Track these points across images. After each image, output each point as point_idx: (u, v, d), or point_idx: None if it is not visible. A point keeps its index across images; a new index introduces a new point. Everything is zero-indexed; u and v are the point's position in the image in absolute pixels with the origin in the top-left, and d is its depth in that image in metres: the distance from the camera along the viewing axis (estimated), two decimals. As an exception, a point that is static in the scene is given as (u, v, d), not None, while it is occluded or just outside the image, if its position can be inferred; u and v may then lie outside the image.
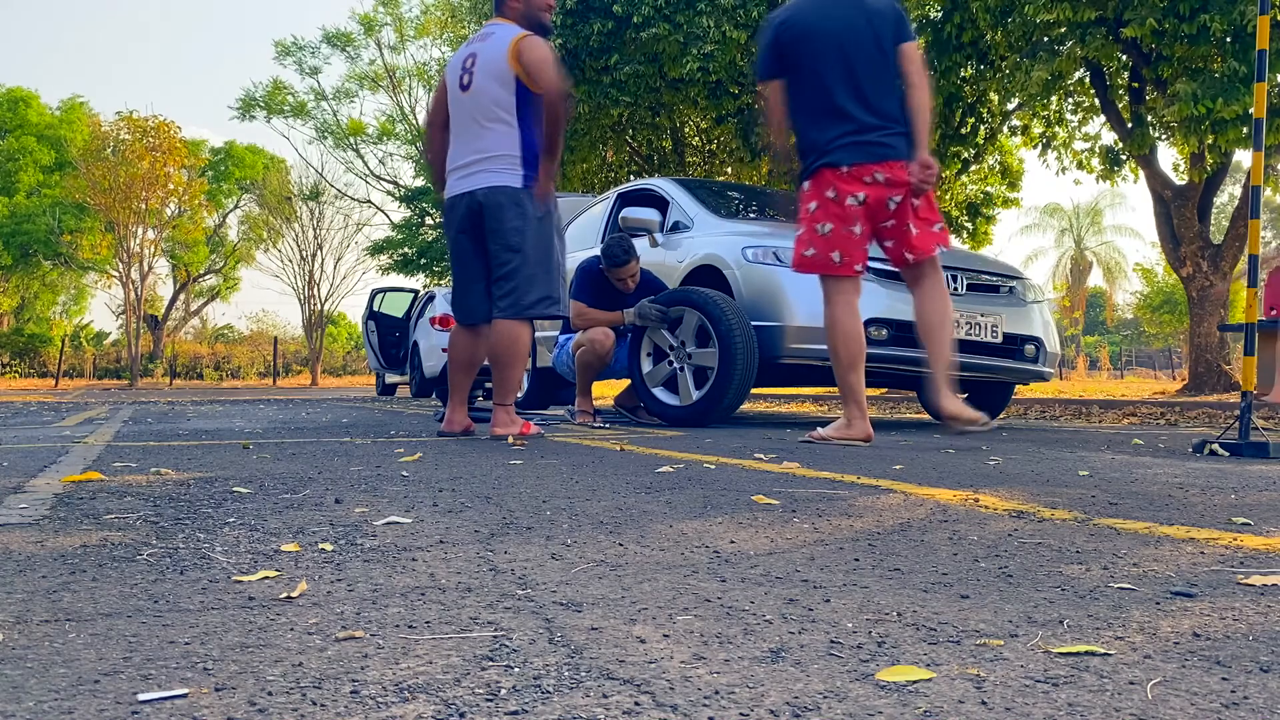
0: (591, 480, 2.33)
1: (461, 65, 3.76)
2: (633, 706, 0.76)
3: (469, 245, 3.80)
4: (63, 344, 33.58)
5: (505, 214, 3.66)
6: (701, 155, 18.58)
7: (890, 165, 3.53)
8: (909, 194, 3.55)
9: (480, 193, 3.68)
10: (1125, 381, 26.16)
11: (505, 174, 3.66)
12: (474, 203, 3.70)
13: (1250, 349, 3.43)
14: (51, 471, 2.46)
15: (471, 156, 3.73)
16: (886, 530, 1.63)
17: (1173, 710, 0.77)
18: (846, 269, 3.57)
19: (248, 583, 1.20)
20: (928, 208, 3.61)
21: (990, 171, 15.85)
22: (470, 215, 3.73)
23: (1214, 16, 8.64)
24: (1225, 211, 33.84)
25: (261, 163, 38.28)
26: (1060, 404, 8.93)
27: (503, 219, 3.66)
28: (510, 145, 3.66)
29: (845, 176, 3.52)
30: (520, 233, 3.66)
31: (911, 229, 3.58)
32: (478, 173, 3.70)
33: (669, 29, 11.48)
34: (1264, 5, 3.44)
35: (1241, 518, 1.80)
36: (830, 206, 3.55)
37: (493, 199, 3.66)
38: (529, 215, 3.67)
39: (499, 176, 3.66)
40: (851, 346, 3.61)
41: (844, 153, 3.53)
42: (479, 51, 3.72)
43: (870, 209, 3.54)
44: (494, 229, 3.69)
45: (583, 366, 5.08)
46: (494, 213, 3.67)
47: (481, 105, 3.68)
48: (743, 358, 4.50)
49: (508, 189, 3.66)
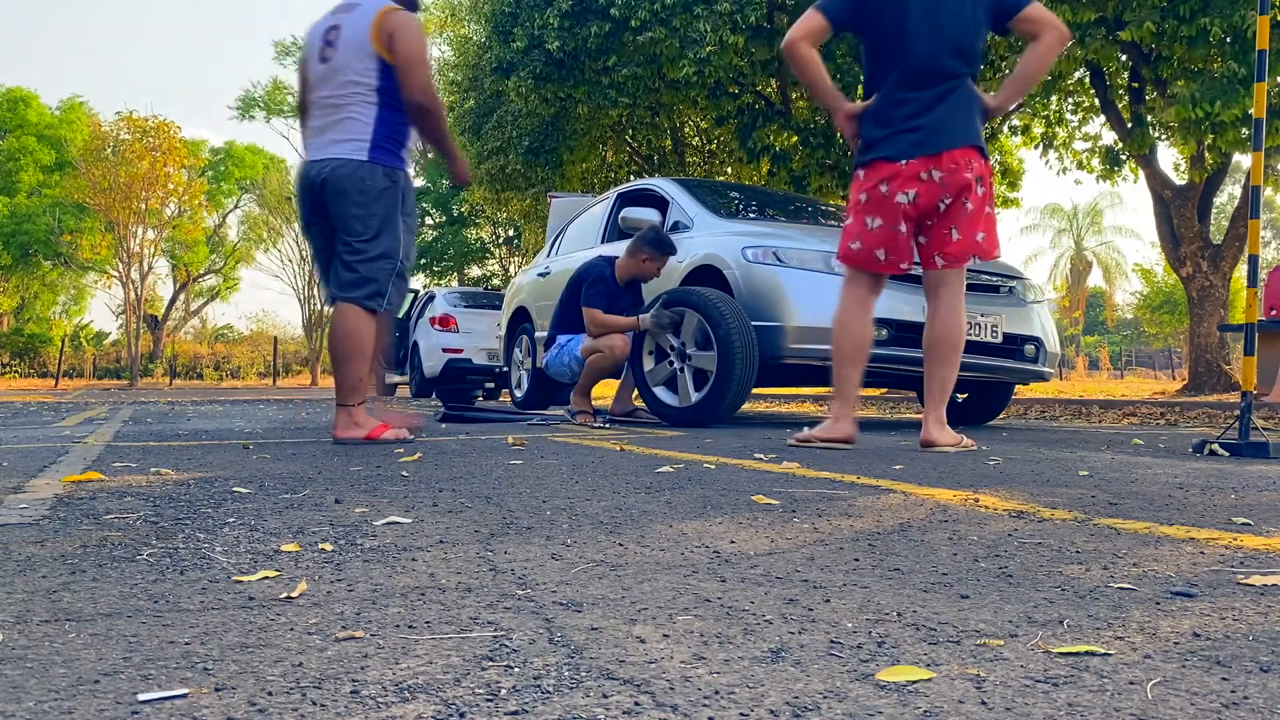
0: (591, 480, 2.33)
1: (323, 36, 3.51)
2: (633, 706, 0.76)
3: (317, 221, 3.56)
4: (63, 344, 33.58)
5: (349, 194, 3.41)
6: (701, 155, 18.58)
7: (950, 158, 3.24)
8: (963, 195, 3.29)
9: (329, 164, 3.44)
10: (1125, 381, 26.16)
11: (354, 148, 3.42)
12: (321, 174, 3.45)
13: (1250, 349, 3.43)
14: (51, 471, 2.46)
15: (323, 122, 3.49)
16: (886, 530, 1.63)
17: (1173, 710, 0.77)
18: (891, 267, 3.39)
19: (248, 583, 1.20)
20: (978, 213, 3.33)
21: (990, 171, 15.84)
22: (315, 189, 3.48)
23: (1213, 19, 8.64)
24: (1225, 211, 33.86)
25: (261, 163, 38.30)
26: (1060, 404, 8.93)
27: (346, 198, 3.42)
28: (365, 120, 3.43)
29: (902, 171, 3.27)
30: (364, 218, 3.43)
31: (954, 233, 3.33)
32: (329, 144, 3.46)
33: (666, 33, 11.49)
34: (1264, 6, 3.44)
35: (1241, 518, 1.80)
36: (882, 201, 3.31)
37: (338, 174, 3.41)
38: (372, 194, 3.43)
39: (346, 149, 3.43)
40: (852, 342, 3.43)
41: (901, 144, 3.27)
42: (342, 23, 3.48)
43: (919, 207, 3.31)
44: (337, 212, 3.45)
45: (595, 370, 5.06)
46: (337, 190, 3.42)
47: (337, 79, 3.45)
48: (741, 361, 4.51)
49: (353, 162, 3.42)
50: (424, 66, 3.41)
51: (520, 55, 12.92)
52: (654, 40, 11.58)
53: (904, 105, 3.29)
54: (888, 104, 3.33)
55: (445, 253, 28.94)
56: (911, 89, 3.29)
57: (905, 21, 3.27)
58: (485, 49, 13.86)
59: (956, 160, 3.24)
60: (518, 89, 13.11)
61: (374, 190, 3.41)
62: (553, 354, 5.38)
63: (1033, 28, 3.26)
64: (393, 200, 3.46)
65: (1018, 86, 3.33)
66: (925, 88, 3.27)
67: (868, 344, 3.47)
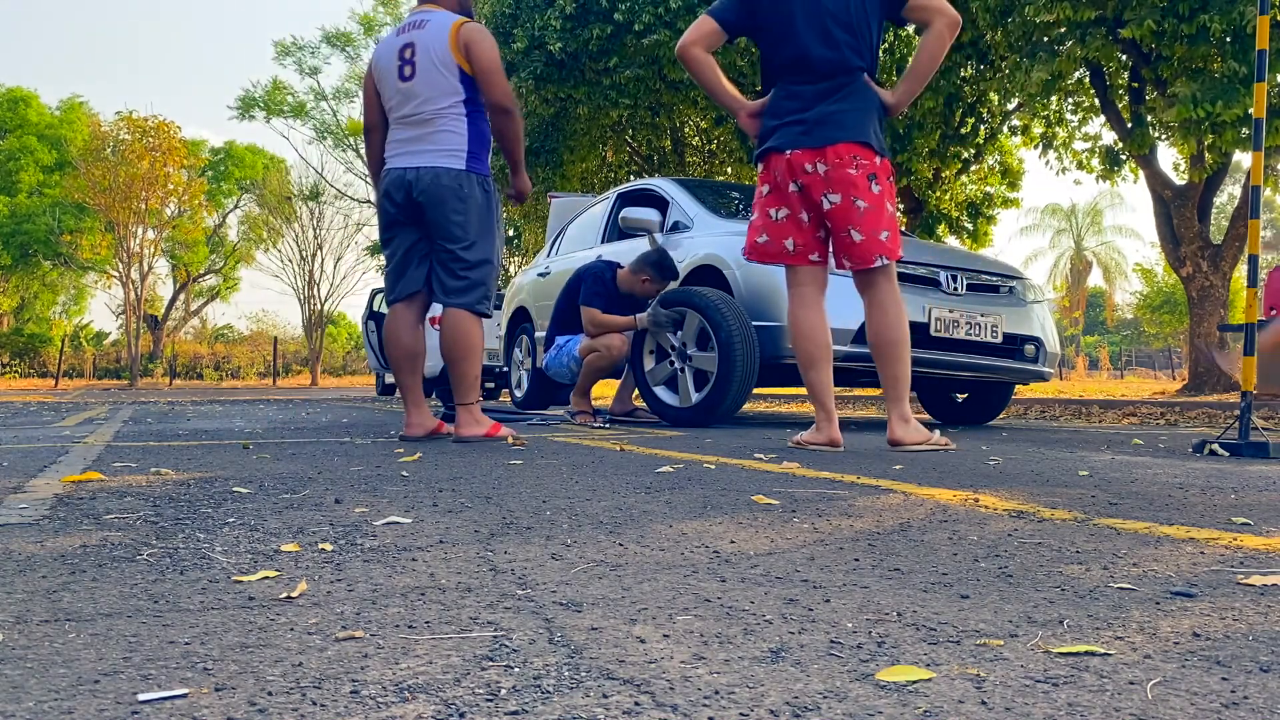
0: (591, 480, 2.33)
1: (399, 56, 3.57)
2: (633, 706, 0.76)
3: (403, 223, 3.64)
4: (63, 344, 33.59)
5: (448, 201, 3.51)
6: (701, 155, 18.58)
7: (834, 153, 3.20)
8: (851, 193, 3.21)
9: (427, 172, 3.52)
10: (1125, 381, 26.16)
11: (450, 158, 3.53)
12: (419, 180, 3.53)
13: (1250, 349, 3.43)
14: (51, 471, 2.46)
15: (413, 134, 3.57)
16: (886, 530, 1.63)
17: (1173, 710, 0.77)
18: (800, 258, 3.33)
19: (248, 583, 1.20)
20: (877, 211, 3.24)
21: (990, 171, 15.85)
22: (409, 193, 3.56)
23: (1213, 17, 8.64)
24: (1225, 211, 33.85)
25: (261, 163, 38.29)
26: (1060, 404, 8.93)
27: (445, 206, 3.51)
28: (459, 132, 3.54)
29: (790, 162, 3.25)
30: (463, 224, 3.54)
31: (854, 234, 3.24)
32: (423, 153, 3.55)
33: (670, 35, 11.49)
34: (1263, 5, 3.44)
35: (1241, 518, 1.80)
36: (781, 191, 3.30)
37: (438, 183, 3.51)
38: (470, 202, 3.54)
39: (443, 158, 3.53)
40: (809, 344, 3.35)
41: (787, 135, 3.27)
42: (416, 40, 3.54)
43: (809, 200, 3.27)
44: (437, 219, 3.55)
45: (593, 370, 5.07)
46: (436, 198, 3.52)
47: (427, 93, 3.52)
48: (742, 362, 4.50)
49: (451, 171, 3.52)
50: (501, 73, 3.55)
51: (520, 56, 12.93)
52: (657, 43, 11.59)
53: (793, 99, 3.30)
54: (779, 98, 3.36)
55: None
56: (801, 84, 3.29)
57: (793, 19, 3.27)
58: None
59: (841, 155, 3.19)
60: (518, 89, 13.12)
61: (471, 198, 3.55)
62: (552, 354, 5.36)
63: (924, 15, 3.23)
64: (487, 207, 3.62)
65: (912, 81, 3.30)
66: (814, 82, 3.27)
67: (829, 342, 3.41)
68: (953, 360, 4.80)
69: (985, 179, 15.91)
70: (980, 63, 12.91)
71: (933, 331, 4.70)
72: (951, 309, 4.78)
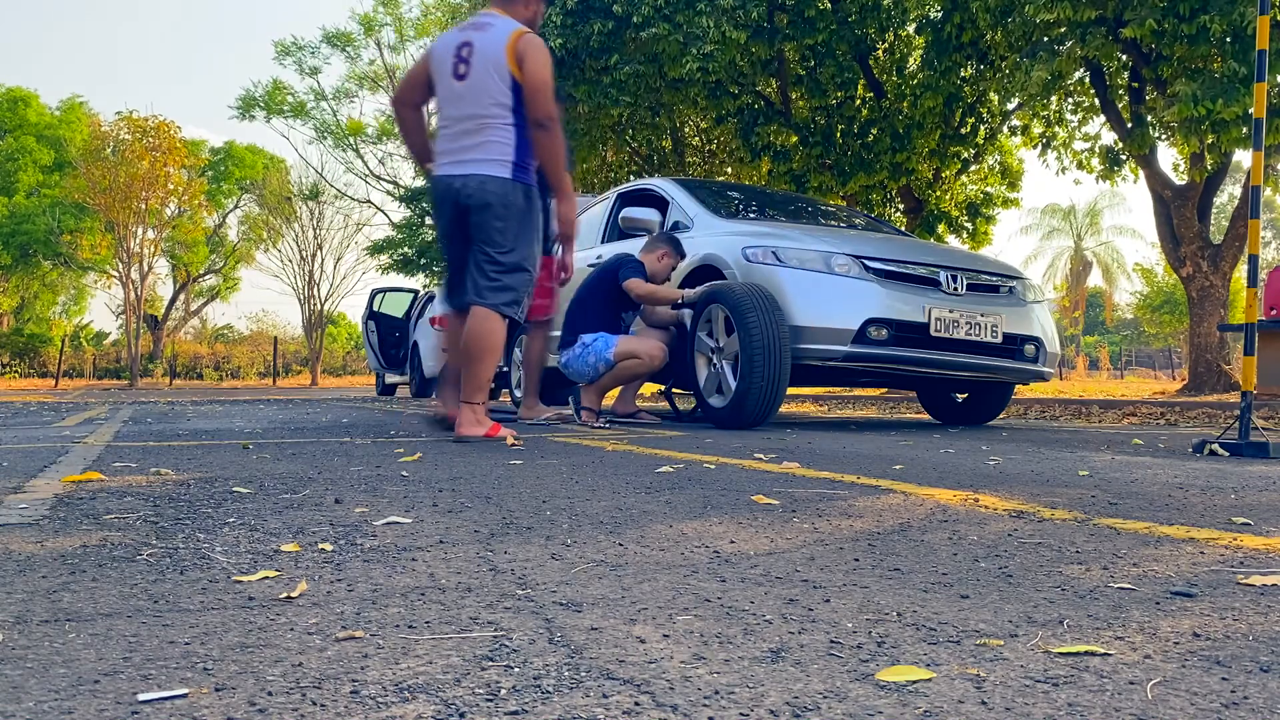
0: (591, 480, 2.33)
1: (455, 53, 3.63)
2: (633, 706, 0.76)
3: (457, 232, 3.73)
4: (63, 344, 33.56)
5: (492, 208, 3.59)
6: (701, 155, 18.59)
7: None
8: None
9: (474, 179, 3.60)
10: (1125, 381, 26.15)
11: (498, 166, 3.60)
12: (466, 187, 3.62)
13: (1250, 349, 3.43)
14: (51, 471, 2.46)
15: (460, 133, 3.65)
16: (886, 530, 1.63)
17: (1173, 710, 0.77)
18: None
19: (248, 583, 1.20)
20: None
21: (990, 171, 15.85)
22: (458, 201, 3.65)
23: (1214, 17, 8.64)
24: (1225, 211, 33.85)
25: (261, 163, 38.26)
26: (1060, 404, 8.93)
27: (489, 212, 3.59)
28: (507, 141, 3.61)
29: None
30: (504, 231, 3.61)
31: None
32: (471, 160, 3.62)
33: (669, 29, 11.49)
34: (1264, 5, 3.44)
35: (1241, 518, 1.80)
36: None
37: (485, 189, 3.59)
38: (514, 209, 3.62)
39: (491, 166, 3.60)
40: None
41: None
42: (475, 40, 3.61)
43: None
44: (479, 223, 3.62)
45: (626, 375, 5.00)
46: (481, 204, 3.59)
47: (477, 98, 3.60)
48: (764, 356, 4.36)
49: (497, 179, 3.59)
50: (549, 90, 3.60)
51: (521, 55, 12.89)
52: (656, 37, 11.58)
53: None
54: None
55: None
56: None
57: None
58: (485, 49, 13.83)
59: None
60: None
61: (515, 206, 3.62)
62: (575, 353, 5.18)
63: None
64: (529, 216, 3.69)
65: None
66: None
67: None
68: (952, 360, 4.79)
69: (985, 179, 15.91)
70: (980, 63, 12.91)
71: (933, 331, 4.70)
72: (951, 309, 4.78)
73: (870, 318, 4.57)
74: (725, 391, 4.68)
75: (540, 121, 3.60)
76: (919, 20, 13.18)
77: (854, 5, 12.91)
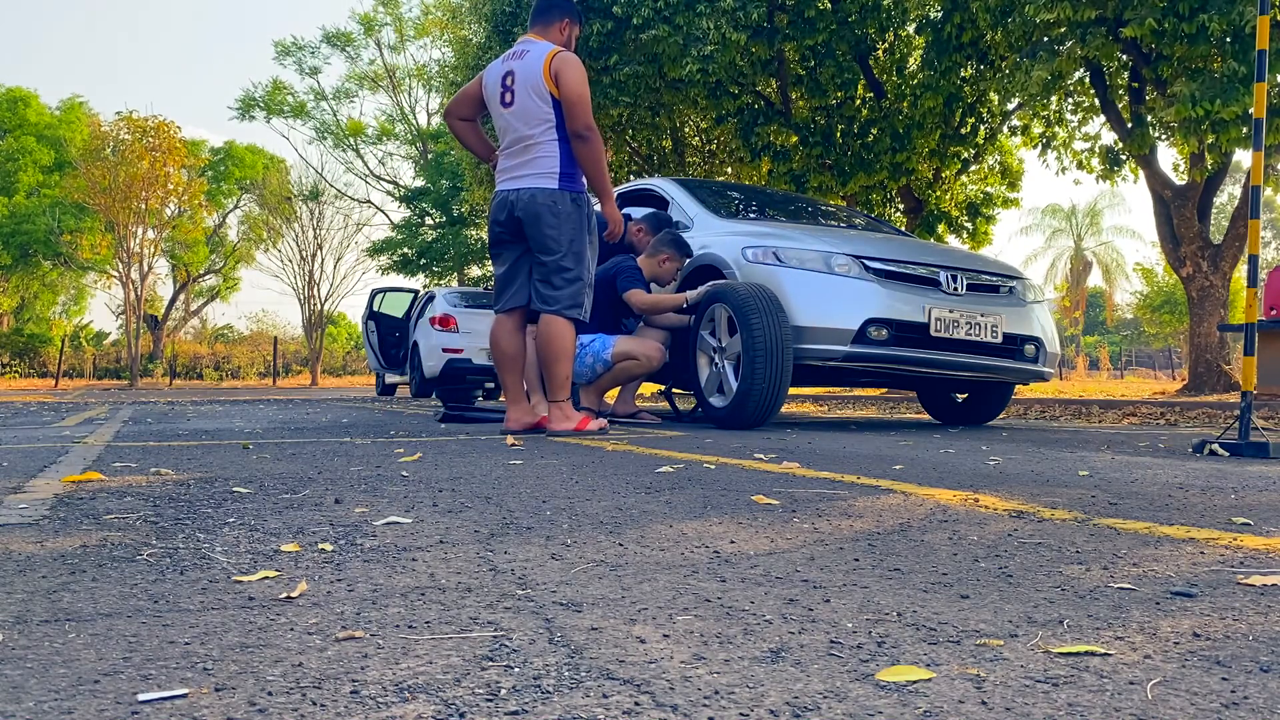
0: (591, 480, 2.33)
1: (501, 83, 4.00)
2: (633, 706, 0.76)
3: (508, 240, 4.06)
4: (62, 344, 33.54)
5: (543, 217, 3.90)
6: (701, 155, 18.58)
7: None
8: None
9: (525, 192, 3.93)
10: (1125, 381, 26.15)
11: (546, 179, 3.92)
12: (519, 200, 3.94)
13: (1250, 349, 3.43)
14: (51, 471, 2.46)
15: (514, 149, 4.00)
16: (886, 530, 1.63)
17: (1173, 710, 0.77)
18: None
19: (248, 583, 1.20)
20: None
21: (990, 171, 15.84)
22: (512, 212, 3.98)
23: (1213, 17, 8.64)
24: (1225, 211, 33.87)
25: (261, 163, 38.24)
26: (1060, 404, 8.93)
27: (541, 221, 3.91)
28: (553, 155, 3.92)
29: None
30: (556, 238, 3.92)
31: None
32: (524, 176, 3.96)
33: (669, 30, 11.49)
34: (1264, 5, 3.44)
35: (1241, 518, 1.80)
36: None
37: (535, 201, 3.91)
38: (563, 216, 3.92)
39: (540, 180, 3.92)
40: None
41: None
42: (515, 69, 3.96)
43: None
44: (534, 233, 3.94)
45: (624, 375, 5.00)
46: (533, 214, 3.91)
47: (524, 120, 3.93)
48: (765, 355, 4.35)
49: (546, 190, 3.91)
50: (586, 103, 3.89)
51: (521, 55, 12.90)
52: (656, 38, 11.58)
53: None
54: None
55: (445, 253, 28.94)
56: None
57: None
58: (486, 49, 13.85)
59: None
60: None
61: (564, 213, 3.94)
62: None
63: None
64: (579, 220, 3.98)
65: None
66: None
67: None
68: (952, 360, 4.79)
69: (985, 179, 15.91)
70: (980, 63, 12.91)
71: (933, 331, 4.70)
72: (951, 309, 4.78)
73: (870, 318, 4.58)
74: (726, 391, 4.67)
75: (579, 133, 3.88)
76: (919, 20, 13.17)
77: (854, 5, 12.90)
